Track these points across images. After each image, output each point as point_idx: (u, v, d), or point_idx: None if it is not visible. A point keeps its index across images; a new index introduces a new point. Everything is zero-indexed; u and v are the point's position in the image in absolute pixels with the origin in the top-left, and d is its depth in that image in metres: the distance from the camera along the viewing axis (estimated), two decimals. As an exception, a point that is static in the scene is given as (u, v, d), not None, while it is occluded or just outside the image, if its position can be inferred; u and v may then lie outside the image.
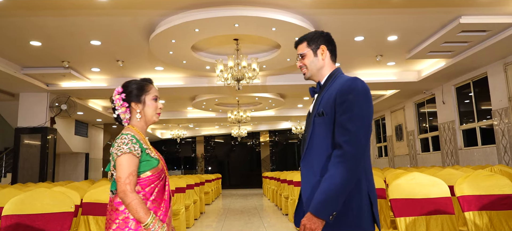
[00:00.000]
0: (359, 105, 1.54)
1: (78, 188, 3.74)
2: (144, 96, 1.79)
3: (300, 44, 1.82)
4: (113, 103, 1.80)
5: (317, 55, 1.77)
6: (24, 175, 8.53)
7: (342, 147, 1.50)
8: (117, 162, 1.62)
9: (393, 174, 3.89)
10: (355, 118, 1.52)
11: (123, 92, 1.79)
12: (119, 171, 1.61)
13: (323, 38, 1.79)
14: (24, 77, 7.86)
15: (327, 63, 1.77)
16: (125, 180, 1.59)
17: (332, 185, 1.48)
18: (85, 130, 13.67)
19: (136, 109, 1.78)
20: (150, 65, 8.02)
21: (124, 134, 1.68)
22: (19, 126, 8.86)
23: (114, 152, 1.64)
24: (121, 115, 1.79)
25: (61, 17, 5.47)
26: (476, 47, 6.96)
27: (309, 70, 1.79)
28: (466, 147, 8.99)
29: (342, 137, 1.51)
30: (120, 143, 1.64)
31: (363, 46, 7.11)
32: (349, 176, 1.48)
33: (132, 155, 1.64)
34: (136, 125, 1.78)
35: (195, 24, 5.53)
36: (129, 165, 1.62)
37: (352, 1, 5.25)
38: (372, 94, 11.25)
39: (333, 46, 1.82)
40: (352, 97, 1.55)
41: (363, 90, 1.58)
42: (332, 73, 1.76)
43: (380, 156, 14.59)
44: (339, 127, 1.54)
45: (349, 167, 1.48)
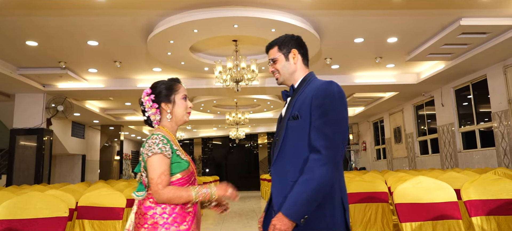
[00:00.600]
0: (335, 109, 1.54)
1: (73, 191, 3.66)
2: (174, 96, 1.78)
3: (271, 49, 1.80)
4: (143, 105, 1.79)
5: (288, 59, 1.75)
6: (19, 177, 8.42)
7: (319, 151, 1.49)
8: (148, 162, 1.61)
9: (395, 177, 3.83)
10: (332, 122, 1.52)
11: (152, 93, 1.78)
12: (151, 172, 1.59)
13: (294, 42, 1.78)
14: (20, 78, 7.76)
15: (299, 67, 1.76)
16: (156, 180, 1.58)
17: (307, 188, 1.46)
18: (82, 131, 13.56)
19: (167, 109, 1.76)
20: (148, 66, 7.95)
21: (155, 134, 1.66)
22: (15, 127, 8.76)
23: (144, 153, 1.63)
24: (151, 117, 1.78)
25: (58, 17, 5.39)
26: (475, 50, 6.93)
27: (282, 74, 1.77)
28: (465, 149, 8.96)
29: (319, 141, 1.50)
30: (151, 143, 1.62)
31: (363, 48, 7.07)
32: (325, 181, 1.47)
33: (163, 155, 1.62)
34: (166, 126, 1.77)
35: (194, 25, 5.47)
36: (161, 164, 1.60)
37: (352, 2, 5.21)
38: (371, 96, 11.28)
39: (305, 49, 1.80)
40: (329, 101, 1.55)
41: (339, 95, 1.58)
42: (306, 77, 1.75)
43: (378, 158, 14.55)
44: (316, 130, 1.53)
45: (326, 171, 1.47)
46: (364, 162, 15.91)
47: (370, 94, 11.02)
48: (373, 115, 14.31)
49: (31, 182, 8.31)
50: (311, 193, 1.46)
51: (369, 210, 2.99)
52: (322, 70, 8.57)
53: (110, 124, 14.11)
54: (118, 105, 12.09)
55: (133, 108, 12.57)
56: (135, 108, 12.63)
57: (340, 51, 7.24)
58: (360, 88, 9.65)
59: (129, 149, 20.04)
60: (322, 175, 1.46)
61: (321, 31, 6.19)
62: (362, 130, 16.09)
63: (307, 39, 6.04)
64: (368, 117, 14.68)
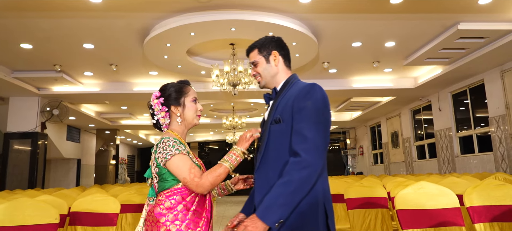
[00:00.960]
0: (317, 112, 1.50)
1: (66, 196, 3.58)
2: (183, 98, 1.75)
3: (251, 52, 1.76)
4: (152, 108, 1.75)
5: (269, 61, 1.71)
6: (12, 182, 8.29)
7: (299, 155, 1.44)
8: (170, 166, 1.57)
9: (394, 182, 3.78)
10: (313, 126, 1.48)
11: (161, 96, 1.74)
12: (179, 173, 1.56)
13: (274, 43, 1.73)
14: (14, 81, 7.67)
15: (281, 69, 1.72)
16: (189, 176, 1.55)
17: (284, 191, 1.41)
18: (77, 136, 13.44)
19: (176, 113, 1.73)
20: (145, 69, 7.88)
21: (165, 137, 1.62)
22: (9, 131, 8.64)
23: (160, 158, 1.58)
24: (160, 120, 1.74)
25: (53, 19, 5.32)
26: (473, 54, 6.93)
27: (263, 78, 1.72)
28: (462, 154, 8.94)
29: (299, 145, 1.46)
30: (165, 147, 1.59)
31: (361, 52, 7.05)
32: (304, 186, 1.43)
33: (182, 154, 1.59)
34: (176, 129, 1.73)
35: (191, 28, 5.42)
36: (184, 161, 1.57)
37: (350, 6, 5.18)
38: (368, 101, 11.26)
39: (286, 51, 1.75)
40: (311, 104, 1.51)
41: (322, 97, 1.54)
42: (289, 80, 1.70)
43: (375, 163, 14.52)
44: (296, 134, 1.49)
45: (306, 175, 1.42)
46: (361, 167, 15.88)
47: (367, 98, 11.01)
48: (370, 120, 14.30)
49: (25, 186, 8.19)
50: (287, 197, 1.41)
51: (369, 215, 2.94)
52: (319, 74, 8.54)
53: (106, 128, 14.00)
54: (114, 109, 12.00)
55: (129, 112, 12.48)
56: (131, 112, 12.53)
57: (338, 55, 7.22)
58: (357, 92, 9.63)
59: (125, 153, 19.90)
60: (301, 179, 1.41)
61: (319, 35, 6.16)
62: (359, 135, 16.07)
63: (305, 43, 6.04)
64: (365, 121, 14.66)
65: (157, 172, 1.60)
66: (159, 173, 1.60)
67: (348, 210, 3.06)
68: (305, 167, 1.42)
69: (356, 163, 16.74)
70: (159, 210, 1.57)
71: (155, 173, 1.62)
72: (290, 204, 1.42)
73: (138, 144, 21.27)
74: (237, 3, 5.08)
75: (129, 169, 20.58)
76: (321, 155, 1.45)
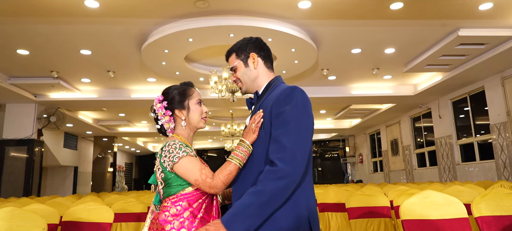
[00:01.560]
0: (296, 117, 1.38)
1: (59, 204, 3.48)
2: (188, 101, 1.66)
3: (230, 56, 1.67)
4: (155, 113, 1.67)
5: (248, 65, 1.60)
6: (8, 189, 8.16)
7: (275, 164, 1.32)
8: (179, 169, 1.48)
9: (396, 190, 3.69)
10: (291, 132, 1.35)
11: (164, 99, 1.67)
12: (189, 175, 1.47)
13: (252, 44, 1.62)
14: (11, 88, 7.58)
15: (261, 72, 1.61)
16: (201, 177, 1.46)
17: (255, 201, 1.30)
18: (74, 143, 13.32)
19: (181, 116, 1.64)
20: (143, 76, 7.81)
21: (171, 141, 1.54)
22: (5, 138, 8.53)
23: (167, 162, 1.49)
24: (165, 125, 1.66)
25: (50, 25, 5.26)
26: (473, 61, 6.88)
27: (243, 83, 1.63)
28: (463, 162, 8.85)
29: (275, 153, 1.34)
30: (171, 150, 1.50)
31: (360, 58, 6.99)
32: (277, 197, 1.31)
33: (190, 156, 1.50)
34: (181, 133, 1.65)
35: (189, 34, 5.36)
36: (193, 163, 1.48)
37: (350, 12, 5.13)
38: (367, 108, 11.19)
39: (265, 51, 1.64)
40: (289, 108, 1.39)
41: (302, 101, 1.42)
42: (271, 82, 1.59)
43: (375, 171, 14.42)
44: (273, 141, 1.37)
45: (281, 187, 1.30)
46: (361, 175, 15.77)
47: (366, 106, 10.94)
48: (369, 127, 14.22)
49: (20, 194, 8.06)
50: (258, 208, 1.30)
51: (371, 225, 2.84)
52: (318, 81, 8.48)
53: (103, 135, 13.89)
54: (112, 116, 11.90)
55: (127, 120, 12.38)
56: (129, 120, 12.44)
57: (337, 62, 7.16)
58: (357, 99, 9.57)
59: (123, 161, 19.74)
60: (275, 190, 1.29)
61: (318, 41, 6.10)
62: (359, 142, 15.99)
63: (304, 49, 5.98)
64: (365, 129, 14.59)
65: (163, 177, 1.52)
66: (165, 178, 1.51)
67: (349, 219, 2.97)
68: (280, 178, 1.30)
69: (355, 171, 16.63)
70: (164, 217, 1.48)
71: (161, 178, 1.53)
72: (260, 216, 1.31)
73: (136, 151, 21.12)
74: (235, 9, 5.02)
75: (126, 177, 20.41)
76: (299, 165, 1.33)
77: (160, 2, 4.76)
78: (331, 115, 12.93)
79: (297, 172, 1.33)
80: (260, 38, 1.68)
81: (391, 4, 4.89)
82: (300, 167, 1.34)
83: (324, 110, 12.04)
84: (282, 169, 1.30)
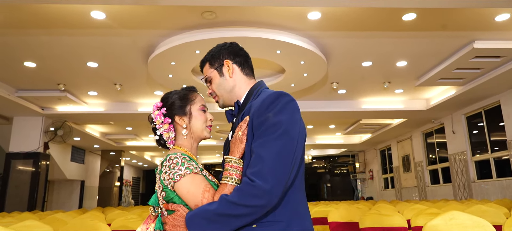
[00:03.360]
0: (280, 126, 1.18)
1: (57, 221, 3.34)
2: (189, 106, 1.46)
3: (204, 66, 1.50)
4: (153, 122, 1.48)
5: (223, 74, 1.43)
6: (12, 203, 8.07)
7: (252, 180, 1.13)
8: (180, 189, 1.27)
9: (413, 209, 3.47)
10: (272, 143, 1.16)
11: (163, 106, 1.48)
12: (191, 198, 1.26)
13: (225, 51, 1.45)
14: (18, 100, 7.56)
15: (238, 80, 1.43)
16: (202, 201, 1.24)
17: (222, 210, 1.15)
18: (82, 156, 13.28)
19: (182, 124, 1.44)
20: (150, 89, 7.74)
21: (172, 154, 1.32)
22: (11, 151, 8.48)
23: (167, 180, 1.29)
24: (164, 135, 1.45)
25: (57, 36, 5.22)
26: (489, 74, 6.66)
27: (220, 96, 1.45)
28: (479, 179, 8.52)
29: (253, 167, 1.15)
30: (172, 165, 1.29)
31: (371, 72, 6.82)
32: (248, 216, 1.13)
33: (194, 173, 1.29)
34: (183, 144, 1.44)
35: (196, 45, 5.27)
36: (197, 183, 1.27)
37: (361, 23, 5.00)
38: (378, 123, 10.95)
39: (242, 57, 1.46)
40: (272, 116, 1.20)
41: (288, 108, 1.23)
42: (253, 89, 1.41)
43: (386, 188, 14.06)
44: (252, 155, 1.19)
45: (255, 205, 1.12)
46: (371, 191, 15.39)
47: (377, 120, 10.70)
48: (380, 142, 13.93)
49: (24, 208, 7.96)
50: (223, 218, 1.14)
51: (388, 247, 2.64)
52: (328, 95, 8.31)
53: (110, 149, 13.83)
54: (119, 130, 11.84)
55: (134, 133, 12.32)
56: (136, 133, 12.37)
57: (348, 75, 7.00)
58: (367, 114, 9.35)
59: (130, 175, 19.66)
60: (249, 208, 1.12)
61: (328, 53, 5.96)
62: (369, 158, 15.67)
63: (313, 61, 5.84)
64: (375, 144, 14.29)
65: (165, 197, 1.30)
66: (167, 198, 1.30)
67: (363, 240, 2.76)
68: (256, 196, 1.11)
69: (365, 187, 16.26)
70: None
71: (162, 198, 1.31)
72: (224, 227, 1.15)
73: (144, 165, 21.04)
74: (243, 20, 4.92)
75: (133, 191, 20.29)
76: (279, 183, 1.13)
77: (167, 13, 4.69)
78: (340, 130, 12.70)
79: (275, 191, 1.13)
80: (236, 43, 1.50)
81: (404, 15, 4.75)
82: (280, 185, 1.14)
83: (334, 125, 11.83)
84: (259, 186, 1.11)
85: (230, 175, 1.26)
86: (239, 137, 1.28)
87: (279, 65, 6.27)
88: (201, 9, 4.59)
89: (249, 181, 1.14)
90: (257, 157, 1.16)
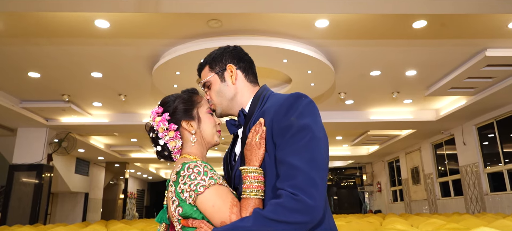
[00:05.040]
0: (308, 131, 1.06)
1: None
2: (196, 109, 1.30)
3: (202, 70, 1.35)
4: (154, 130, 1.29)
5: (224, 79, 1.29)
6: (15, 216, 7.94)
7: (294, 193, 0.99)
8: (204, 204, 1.08)
9: (430, 224, 3.28)
10: (304, 150, 1.04)
11: (165, 111, 1.29)
12: (216, 215, 1.07)
13: (229, 54, 1.31)
14: (22, 111, 7.50)
15: (241, 87, 1.29)
16: (231, 219, 1.06)
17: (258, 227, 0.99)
18: (86, 168, 13.19)
19: (190, 130, 1.27)
20: (154, 100, 7.65)
21: (191, 162, 1.14)
22: (14, 163, 8.39)
23: (187, 191, 1.09)
24: (169, 144, 1.27)
25: (61, 46, 5.16)
26: (501, 83, 6.49)
27: (218, 104, 1.31)
28: (492, 192, 8.26)
29: (286, 181, 1.01)
30: (192, 175, 1.10)
31: (380, 81, 6.68)
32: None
33: (218, 185, 1.11)
34: (193, 153, 1.26)
35: (201, 55, 5.17)
36: (224, 197, 1.09)
37: (369, 31, 4.88)
38: (386, 134, 10.74)
39: (246, 62, 1.33)
40: (296, 120, 1.08)
41: (312, 109, 1.12)
42: (258, 95, 1.27)
43: (395, 201, 13.75)
44: (281, 165, 1.05)
45: (299, 221, 0.98)
46: (379, 204, 15.08)
47: (385, 132, 10.50)
48: (388, 154, 13.69)
49: (27, 221, 7.83)
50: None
51: (406, 265, 2.46)
52: (335, 106, 8.16)
53: (115, 160, 13.72)
54: (124, 142, 11.75)
55: (139, 145, 12.21)
56: (140, 145, 12.27)
57: (355, 85, 6.86)
58: (375, 125, 9.17)
59: (135, 188, 19.51)
60: (288, 227, 0.98)
61: (336, 62, 5.84)
62: (377, 170, 15.39)
63: (321, 70, 5.71)
64: (383, 156, 14.04)
65: (181, 212, 1.10)
66: (185, 214, 1.10)
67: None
68: (300, 211, 0.98)
69: (373, 200, 15.94)
70: None
71: (177, 214, 1.11)
72: None
73: (148, 177, 20.89)
74: (249, 28, 4.83)
75: (138, 204, 20.11)
76: (321, 196, 1.02)
77: (171, 22, 4.62)
78: (347, 141, 12.49)
79: (319, 204, 1.00)
80: (240, 47, 1.36)
81: (414, 22, 4.62)
82: (322, 197, 1.02)
83: (341, 136, 11.63)
84: (303, 201, 0.98)
85: (252, 187, 1.09)
86: (256, 142, 1.13)
87: (285, 74, 6.15)
88: (206, 18, 4.51)
89: (291, 195, 1.00)
90: (290, 167, 1.03)
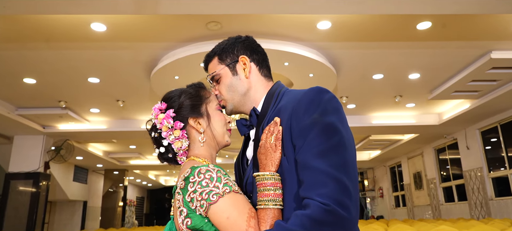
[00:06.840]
0: (334, 130, 0.93)
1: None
2: (205, 105, 1.15)
3: (210, 62, 1.20)
4: (156, 129, 1.14)
5: (237, 72, 1.16)
6: (11, 226, 7.78)
7: (324, 204, 0.84)
8: (217, 215, 0.94)
9: (440, 231, 3.14)
10: (332, 152, 0.90)
11: (169, 107, 1.14)
12: (229, 226, 0.92)
13: (241, 44, 1.18)
14: (18, 119, 7.37)
15: (255, 81, 1.16)
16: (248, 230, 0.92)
17: None
18: (84, 176, 13.03)
19: (198, 128, 1.12)
20: (153, 105, 7.46)
21: (201, 166, 0.99)
22: (10, 171, 8.24)
23: (198, 199, 0.95)
24: (175, 145, 1.11)
25: (57, 51, 5.04)
26: (505, 87, 6.38)
27: (229, 99, 1.16)
28: (497, 197, 8.11)
29: (314, 189, 0.87)
30: (205, 182, 0.96)
31: (382, 85, 6.56)
32: None
33: (234, 193, 0.97)
34: (201, 154, 1.11)
35: (200, 58, 5.03)
36: (241, 207, 0.95)
37: (372, 33, 4.77)
38: (388, 139, 10.61)
39: (260, 54, 1.20)
40: (319, 117, 0.94)
41: (336, 105, 0.99)
42: (272, 92, 1.13)
43: (397, 206, 13.58)
44: (305, 171, 0.91)
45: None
46: (382, 210, 14.90)
47: (387, 136, 10.37)
48: (390, 159, 13.55)
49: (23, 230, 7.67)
50: None
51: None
52: (337, 110, 8.03)
53: (114, 168, 13.57)
54: (122, 148, 11.61)
55: (138, 152, 12.07)
56: (140, 152, 12.13)
57: (357, 88, 6.74)
58: (377, 129, 9.04)
59: (134, 195, 19.32)
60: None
61: (338, 65, 5.73)
62: (378, 175, 15.23)
63: (322, 73, 5.59)
64: (385, 161, 13.90)
65: (190, 224, 0.97)
66: (194, 225, 0.96)
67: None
68: (334, 224, 0.84)
69: (375, 206, 15.76)
70: None
71: (185, 226, 0.97)
72: None
73: (148, 185, 20.70)
74: (250, 31, 4.71)
75: (137, 212, 19.90)
76: (357, 206, 0.89)
77: (169, 24, 4.51)
78: (348, 147, 12.34)
79: (355, 215, 0.87)
80: (252, 37, 1.23)
81: (418, 23, 4.51)
82: (357, 210, 0.88)
83: (342, 141, 11.49)
84: (337, 213, 0.84)
85: (270, 196, 0.93)
86: (271, 144, 0.99)
87: (287, 78, 6.03)
88: (205, 20, 4.40)
89: (321, 205, 0.85)
90: (317, 172, 0.88)
